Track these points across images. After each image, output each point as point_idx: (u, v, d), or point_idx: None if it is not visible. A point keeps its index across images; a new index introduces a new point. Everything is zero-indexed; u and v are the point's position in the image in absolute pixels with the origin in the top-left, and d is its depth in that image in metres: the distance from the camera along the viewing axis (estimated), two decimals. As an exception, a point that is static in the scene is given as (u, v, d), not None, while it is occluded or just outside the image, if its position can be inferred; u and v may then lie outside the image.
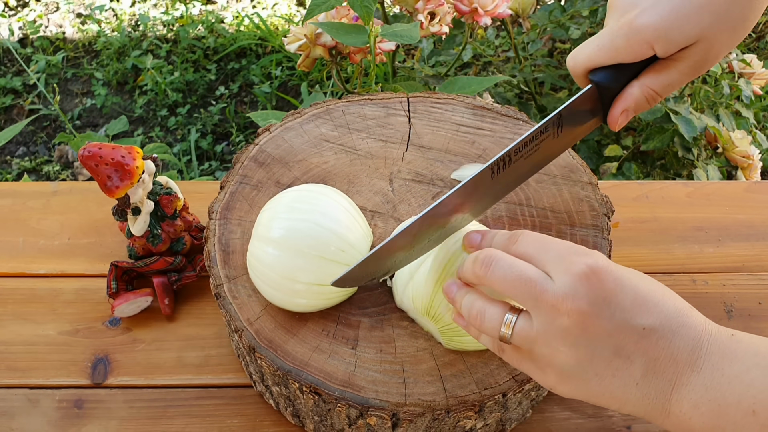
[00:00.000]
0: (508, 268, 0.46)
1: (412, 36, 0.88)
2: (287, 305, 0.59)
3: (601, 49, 0.55)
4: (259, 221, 0.59)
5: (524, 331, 0.46)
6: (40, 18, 2.17)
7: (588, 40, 0.57)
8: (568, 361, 0.44)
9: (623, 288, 0.44)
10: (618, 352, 0.43)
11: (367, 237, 0.61)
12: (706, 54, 0.55)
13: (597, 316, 0.43)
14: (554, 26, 1.35)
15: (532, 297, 0.45)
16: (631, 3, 0.54)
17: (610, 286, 0.44)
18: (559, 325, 0.44)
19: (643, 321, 0.43)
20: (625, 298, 0.44)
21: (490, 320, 0.47)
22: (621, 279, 0.44)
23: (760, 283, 0.76)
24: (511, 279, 0.46)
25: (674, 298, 0.45)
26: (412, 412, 0.54)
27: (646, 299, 0.44)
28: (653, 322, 0.43)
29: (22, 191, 0.84)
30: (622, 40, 0.54)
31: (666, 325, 0.43)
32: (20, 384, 0.68)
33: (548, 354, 0.45)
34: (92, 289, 0.75)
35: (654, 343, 0.43)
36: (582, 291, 0.43)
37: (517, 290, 0.45)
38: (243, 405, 0.66)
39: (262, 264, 0.57)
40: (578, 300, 0.43)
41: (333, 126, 0.73)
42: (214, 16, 2.15)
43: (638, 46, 0.54)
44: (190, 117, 1.89)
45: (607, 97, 0.58)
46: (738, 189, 0.86)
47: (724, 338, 0.43)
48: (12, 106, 1.93)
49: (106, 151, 0.63)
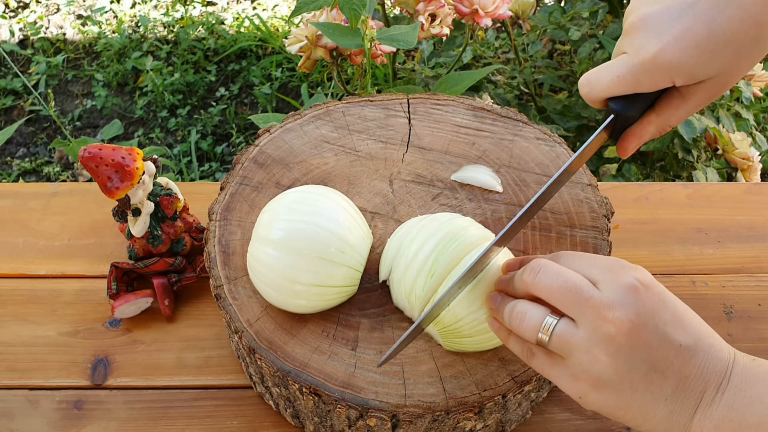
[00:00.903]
0: (554, 275, 0.47)
1: (409, 41, 0.88)
2: (287, 306, 0.59)
3: (622, 81, 0.54)
4: (259, 222, 0.59)
5: (564, 336, 0.46)
6: (41, 19, 2.18)
7: (605, 66, 0.56)
8: (606, 369, 0.45)
9: (666, 304, 0.45)
10: (655, 366, 0.44)
11: (367, 238, 0.61)
12: (723, 85, 0.55)
13: (643, 327, 0.44)
14: (554, 28, 1.35)
15: (577, 303, 0.45)
16: (654, 32, 0.52)
17: (655, 300, 0.45)
18: (604, 332, 0.44)
19: (680, 338, 0.44)
20: (666, 313, 0.45)
21: (530, 321, 0.47)
22: (663, 295, 0.46)
23: (760, 285, 0.76)
24: (557, 285, 0.46)
25: (701, 320, 0.47)
26: (412, 413, 0.54)
27: (683, 318, 0.45)
28: (688, 340, 0.44)
29: (22, 192, 0.84)
30: (645, 76, 0.53)
31: (699, 345, 0.45)
32: (20, 385, 0.68)
33: (586, 361, 0.45)
34: (92, 290, 0.75)
35: (687, 362, 0.44)
36: (630, 301, 0.44)
37: (563, 296, 0.46)
38: (243, 406, 0.66)
39: (262, 265, 0.57)
40: (626, 309, 0.44)
41: (333, 127, 0.73)
42: (215, 17, 2.16)
43: (660, 80, 0.53)
44: (191, 118, 1.89)
45: (621, 123, 0.58)
46: (738, 191, 0.86)
47: (747, 361, 0.45)
48: (12, 107, 1.93)
49: (106, 153, 0.63)
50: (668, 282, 0.76)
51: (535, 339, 0.47)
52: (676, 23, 0.51)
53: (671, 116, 0.57)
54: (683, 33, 0.51)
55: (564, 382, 0.48)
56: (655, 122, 0.57)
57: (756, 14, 0.51)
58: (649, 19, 0.53)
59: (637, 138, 0.58)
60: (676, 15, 0.52)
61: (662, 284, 0.47)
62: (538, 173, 0.70)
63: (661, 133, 0.58)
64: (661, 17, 0.52)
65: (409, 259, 0.57)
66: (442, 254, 0.55)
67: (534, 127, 0.73)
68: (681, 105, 0.56)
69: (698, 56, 0.52)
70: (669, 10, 0.52)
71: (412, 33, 0.88)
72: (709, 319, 0.72)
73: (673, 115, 0.56)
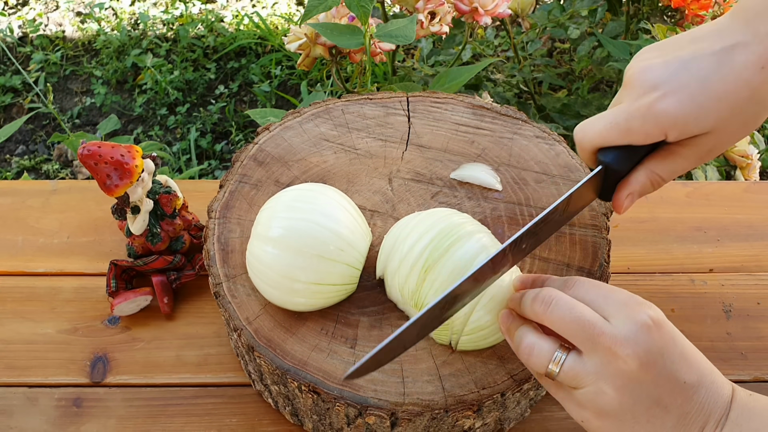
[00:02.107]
0: (567, 309, 0.47)
1: (407, 36, 0.88)
2: (286, 304, 0.59)
3: (614, 128, 0.55)
4: (258, 220, 0.59)
5: (573, 371, 0.47)
6: (40, 16, 2.17)
7: (599, 115, 0.57)
8: (611, 402, 0.46)
9: (675, 343, 0.46)
10: (659, 402, 0.46)
11: (367, 236, 0.61)
12: (715, 145, 0.56)
13: (652, 365, 0.45)
14: (553, 26, 1.35)
15: (590, 339, 0.46)
16: (651, 85, 0.54)
17: (666, 338, 0.46)
18: (614, 368, 0.46)
19: (685, 376, 0.46)
20: (675, 351, 0.46)
21: (539, 356, 0.48)
22: (673, 333, 0.47)
23: (759, 283, 0.76)
24: (570, 320, 0.47)
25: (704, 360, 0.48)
26: (411, 411, 0.54)
27: (689, 356, 0.47)
28: (692, 378, 0.46)
29: (21, 190, 0.84)
30: (638, 122, 0.54)
31: (702, 382, 0.46)
32: (19, 382, 0.68)
33: (593, 392, 0.47)
34: (91, 288, 0.75)
35: (690, 398, 0.46)
36: (642, 339, 0.45)
37: (574, 331, 0.47)
38: (242, 404, 0.66)
39: (261, 263, 0.57)
40: (638, 347, 0.45)
41: (332, 125, 0.73)
42: (214, 15, 2.15)
43: (652, 130, 0.54)
44: (190, 116, 1.89)
45: (611, 178, 0.58)
46: (737, 189, 0.86)
47: (744, 396, 0.47)
48: (12, 105, 1.93)
49: (105, 150, 0.63)
50: (667, 281, 0.76)
51: (543, 372, 0.49)
52: (673, 77, 0.54)
53: (660, 167, 0.57)
54: (680, 87, 0.53)
55: (569, 406, 0.50)
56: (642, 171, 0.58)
57: (748, 79, 0.53)
58: (648, 71, 0.55)
59: (628, 187, 0.58)
60: (672, 71, 0.54)
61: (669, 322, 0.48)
62: (537, 171, 0.70)
63: (654, 186, 0.59)
64: (659, 71, 0.54)
65: (404, 253, 0.57)
66: (436, 249, 0.55)
67: (533, 125, 0.73)
68: (669, 157, 0.57)
69: (692, 109, 0.53)
70: (667, 65, 0.54)
71: (410, 27, 0.88)
72: (708, 318, 0.73)
73: (662, 166, 0.57)
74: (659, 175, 0.58)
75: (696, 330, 0.72)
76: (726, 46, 0.54)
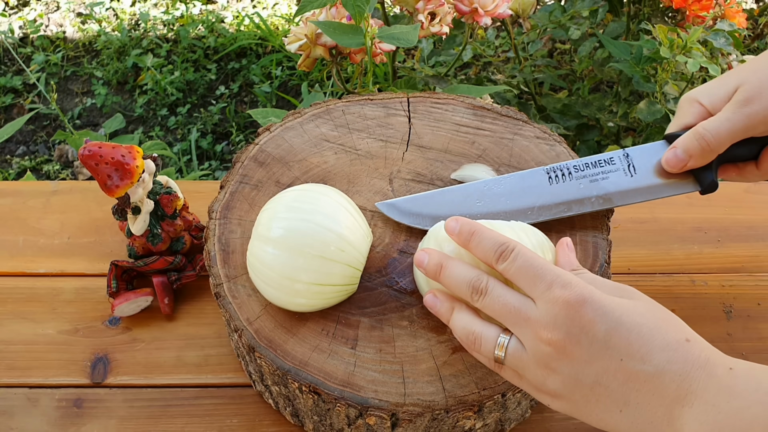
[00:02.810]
0: (497, 297, 0.48)
1: (409, 39, 0.88)
2: (287, 305, 0.59)
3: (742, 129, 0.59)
4: (258, 221, 0.59)
5: (517, 353, 0.48)
6: (41, 17, 2.17)
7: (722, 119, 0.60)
8: (556, 383, 0.46)
9: (602, 318, 0.44)
10: (598, 380, 0.45)
11: (367, 237, 0.61)
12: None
13: (576, 344, 0.45)
14: (554, 27, 1.35)
15: (518, 324, 0.47)
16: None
17: (588, 317, 0.44)
18: (543, 351, 0.46)
19: (620, 352, 0.44)
20: (599, 328, 0.44)
21: (486, 344, 0.48)
22: (602, 310, 0.45)
23: (759, 284, 0.76)
24: (499, 307, 0.48)
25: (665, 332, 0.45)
26: (412, 412, 0.54)
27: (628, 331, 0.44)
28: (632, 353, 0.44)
29: (22, 190, 0.84)
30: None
31: (649, 360, 0.43)
32: (20, 383, 0.68)
33: (540, 376, 0.47)
34: (92, 289, 0.75)
35: (632, 376, 0.44)
36: (561, 321, 0.45)
37: (504, 318, 0.48)
38: (242, 404, 0.66)
39: (262, 263, 0.57)
40: (556, 330, 0.45)
41: (333, 126, 0.73)
42: (215, 15, 2.16)
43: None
44: (190, 116, 1.89)
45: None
46: (737, 190, 0.86)
47: (721, 372, 0.43)
48: (12, 105, 1.93)
49: (106, 151, 0.63)
50: (668, 281, 0.76)
51: (492, 359, 0.49)
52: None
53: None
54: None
55: (530, 391, 0.49)
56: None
57: None
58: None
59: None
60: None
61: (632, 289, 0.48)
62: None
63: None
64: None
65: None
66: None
67: (534, 125, 0.73)
68: None
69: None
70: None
71: (413, 32, 0.88)
72: (708, 319, 0.73)
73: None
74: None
75: (696, 331, 0.71)
76: None
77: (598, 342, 0.44)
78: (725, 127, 0.59)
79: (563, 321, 0.45)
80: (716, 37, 1.16)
